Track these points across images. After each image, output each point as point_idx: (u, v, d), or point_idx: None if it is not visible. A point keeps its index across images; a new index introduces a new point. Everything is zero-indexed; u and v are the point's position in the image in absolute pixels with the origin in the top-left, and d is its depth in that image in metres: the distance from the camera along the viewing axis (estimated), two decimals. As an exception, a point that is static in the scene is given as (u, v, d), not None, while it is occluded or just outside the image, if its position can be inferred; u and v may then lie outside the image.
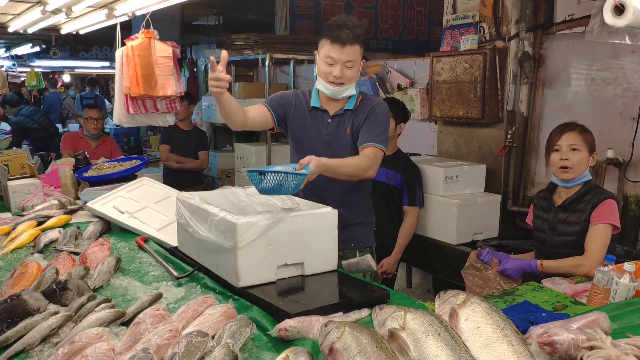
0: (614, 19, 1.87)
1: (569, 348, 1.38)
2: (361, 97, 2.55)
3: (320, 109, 2.54)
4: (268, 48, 5.90)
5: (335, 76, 2.37)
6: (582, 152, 2.48)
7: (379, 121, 2.50)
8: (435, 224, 3.83)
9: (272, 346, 1.54)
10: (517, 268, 2.46)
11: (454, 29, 4.29)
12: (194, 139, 5.41)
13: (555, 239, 2.54)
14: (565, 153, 2.48)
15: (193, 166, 5.39)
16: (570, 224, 2.49)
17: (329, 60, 2.36)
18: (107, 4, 3.70)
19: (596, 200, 2.44)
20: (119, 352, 1.46)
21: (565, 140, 2.49)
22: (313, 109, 2.55)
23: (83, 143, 5.01)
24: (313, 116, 2.55)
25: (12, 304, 1.70)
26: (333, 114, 2.53)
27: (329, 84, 2.41)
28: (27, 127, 7.79)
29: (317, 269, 2.00)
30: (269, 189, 1.98)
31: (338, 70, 2.36)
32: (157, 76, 3.84)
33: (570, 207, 2.51)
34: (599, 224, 2.40)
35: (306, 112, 2.56)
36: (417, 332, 1.27)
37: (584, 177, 2.50)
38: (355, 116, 2.51)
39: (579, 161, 2.47)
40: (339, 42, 2.31)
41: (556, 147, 2.51)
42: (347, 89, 2.45)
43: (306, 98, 2.58)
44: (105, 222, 2.71)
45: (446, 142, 4.50)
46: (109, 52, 11.52)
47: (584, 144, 2.49)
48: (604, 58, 3.65)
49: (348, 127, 2.51)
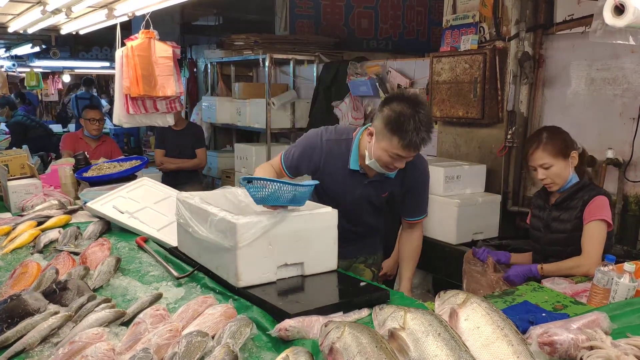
0: (614, 19, 1.87)
1: (569, 348, 1.38)
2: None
3: (359, 172, 2.39)
4: (268, 48, 5.90)
5: (396, 167, 2.25)
6: (554, 165, 2.46)
7: (427, 192, 2.49)
8: (435, 224, 3.83)
9: (272, 346, 1.55)
10: (520, 275, 2.46)
11: (454, 29, 4.29)
12: (188, 138, 5.30)
13: (549, 237, 2.56)
14: (541, 173, 2.50)
15: (190, 165, 5.30)
16: (563, 221, 2.51)
17: (396, 157, 2.18)
18: (107, 4, 3.70)
19: (587, 197, 2.45)
20: (119, 352, 1.46)
21: (535, 161, 2.51)
22: (350, 170, 2.39)
23: (83, 143, 5.00)
24: (349, 175, 2.40)
25: (12, 304, 1.70)
26: (372, 179, 2.40)
27: (385, 168, 2.27)
28: (27, 125, 7.79)
29: (317, 269, 2.00)
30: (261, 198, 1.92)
31: (400, 164, 2.23)
32: (157, 76, 3.84)
33: (563, 205, 2.52)
34: (592, 222, 2.40)
35: (341, 169, 2.39)
36: (417, 332, 1.28)
37: (571, 181, 2.50)
38: (401, 185, 2.42)
39: (556, 174, 2.47)
40: (412, 149, 2.15)
41: (532, 167, 2.55)
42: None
43: (344, 153, 2.38)
44: (105, 222, 2.71)
45: (446, 142, 4.50)
46: (109, 52, 11.50)
47: (552, 156, 2.45)
48: (603, 58, 3.65)
49: (386, 192, 2.43)
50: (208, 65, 7.49)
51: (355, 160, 2.36)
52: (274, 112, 5.87)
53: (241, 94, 6.44)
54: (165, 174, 5.15)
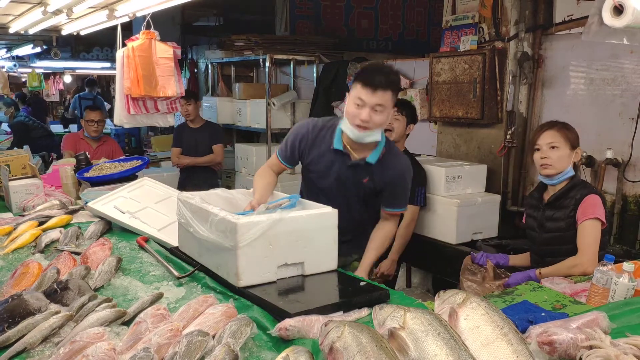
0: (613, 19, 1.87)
1: (568, 347, 1.38)
2: (385, 150, 2.45)
3: (342, 151, 2.46)
4: (268, 49, 5.90)
5: (362, 119, 2.28)
6: (561, 149, 2.49)
7: (406, 187, 2.52)
8: (435, 224, 3.84)
9: (273, 345, 1.55)
10: (519, 282, 2.46)
11: (454, 29, 4.30)
12: (205, 135, 5.24)
13: (544, 236, 2.57)
14: (544, 152, 2.51)
15: (205, 161, 5.21)
16: (556, 220, 2.51)
17: (359, 102, 2.28)
18: (108, 5, 3.71)
19: (579, 195, 2.46)
20: (119, 352, 1.47)
21: (543, 139, 2.52)
22: (335, 150, 2.46)
23: (84, 144, 4.99)
24: (333, 156, 2.47)
25: (14, 304, 1.71)
26: (354, 162, 2.45)
27: (355, 127, 2.32)
28: (29, 125, 7.80)
29: (317, 268, 2.01)
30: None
31: (366, 114, 2.27)
32: (158, 77, 3.84)
33: (556, 204, 2.53)
34: (586, 221, 2.41)
35: (326, 151, 2.48)
36: (417, 332, 1.28)
37: (567, 174, 2.52)
38: (378, 173, 2.45)
39: (559, 158, 2.49)
40: (370, 86, 2.25)
41: (537, 147, 2.55)
42: (372, 135, 2.35)
43: (329, 135, 2.48)
44: (106, 222, 2.72)
45: (446, 142, 4.50)
46: (109, 52, 11.51)
47: (564, 140, 2.50)
48: (603, 58, 3.65)
49: (366, 178, 2.46)
50: (208, 66, 7.49)
51: (338, 139, 2.45)
52: (275, 112, 5.88)
53: (241, 95, 6.45)
54: (182, 174, 5.15)
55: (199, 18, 9.10)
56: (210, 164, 5.29)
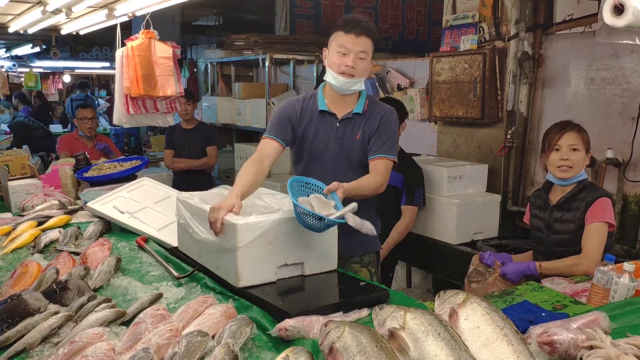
0: (614, 19, 1.87)
1: (569, 347, 1.38)
2: (368, 101, 2.50)
3: (328, 112, 2.49)
4: (268, 48, 5.89)
5: (348, 65, 2.32)
6: (581, 151, 2.50)
7: (390, 130, 2.48)
8: (435, 224, 3.83)
9: (272, 346, 1.55)
10: (517, 271, 2.46)
11: (454, 29, 4.29)
12: (198, 137, 5.15)
13: (552, 238, 2.56)
14: (565, 153, 2.49)
15: (200, 164, 5.13)
16: (566, 222, 2.51)
17: (343, 50, 2.32)
18: (107, 5, 3.71)
19: (590, 198, 2.46)
20: (119, 352, 1.46)
21: (565, 140, 2.50)
22: (321, 113, 2.50)
23: (79, 144, 4.91)
24: (321, 120, 2.50)
25: (13, 304, 1.71)
26: (342, 117, 2.48)
27: (340, 74, 2.35)
28: (29, 125, 7.80)
29: (317, 269, 2.00)
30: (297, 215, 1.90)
31: (351, 60, 2.31)
32: (157, 76, 3.84)
33: (565, 206, 2.52)
34: (595, 223, 2.41)
35: (314, 116, 2.51)
36: (417, 332, 1.28)
37: (581, 176, 2.52)
38: (367, 123, 2.46)
39: (578, 160, 2.50)
40: (353, 32, 2.31)
41: (556, 147, 2.52)
42: (357, 83, 2.39)
43: (312, 102, 2.52)
44: (106, 222, 2.71)
45: (446, 142, 4.50)
46: (109, 52, 11.50)
47: (583, 143, 2.51)
48: (603, 58, 3.65)
49: (359, 133, 2.47)
50: (208, 65, 7.48)
51: (322, 101, 2.48)
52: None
53: (241, 94, 6.44)
54: (175, 177, 5.08)
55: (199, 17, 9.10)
56: (204, 167, 5.23)
